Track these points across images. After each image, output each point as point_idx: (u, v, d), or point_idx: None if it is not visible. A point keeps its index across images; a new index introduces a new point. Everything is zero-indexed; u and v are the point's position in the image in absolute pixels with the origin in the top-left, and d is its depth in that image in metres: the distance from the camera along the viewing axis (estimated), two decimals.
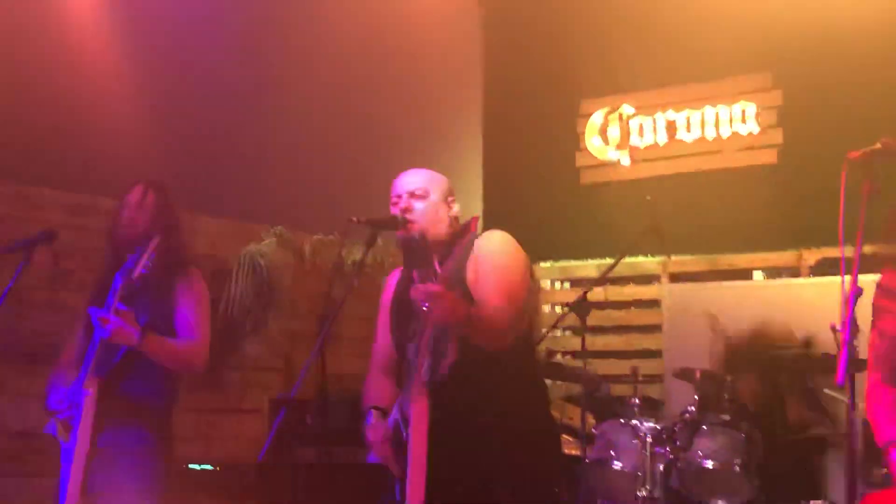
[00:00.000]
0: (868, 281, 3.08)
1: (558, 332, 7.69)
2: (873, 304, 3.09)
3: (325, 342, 3.50)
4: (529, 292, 3.54)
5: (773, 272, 7.02)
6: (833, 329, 2.86)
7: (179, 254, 4.13)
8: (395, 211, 3.56)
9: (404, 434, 3.39)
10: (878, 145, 2.93)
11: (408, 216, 3.51)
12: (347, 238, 3.73)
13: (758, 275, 7.10)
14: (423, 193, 3.55)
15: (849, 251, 2.87)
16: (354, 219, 3.52)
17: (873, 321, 3.09)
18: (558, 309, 7.84)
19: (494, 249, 3.49)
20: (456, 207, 3.59)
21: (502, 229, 3.59)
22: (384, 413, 3.58)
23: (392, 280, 3.80)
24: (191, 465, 5.25)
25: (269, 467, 5.22)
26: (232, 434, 6.17)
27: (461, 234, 3.45)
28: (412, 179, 3.60)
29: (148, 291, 3.94)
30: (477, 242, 3.51)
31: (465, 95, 8.18)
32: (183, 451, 5.40)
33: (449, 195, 3.60)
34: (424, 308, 3.17)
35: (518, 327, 3.44)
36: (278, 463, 5.10)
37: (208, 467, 5.28)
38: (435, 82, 7.72)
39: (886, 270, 3.11)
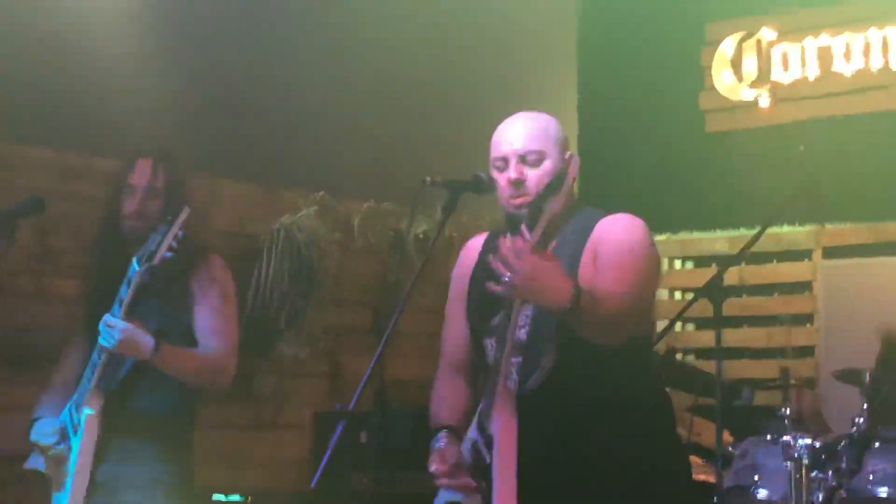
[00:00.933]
0: None
1: (679, 326, 7.68)
2: None
3: (386, 341, 3.48)
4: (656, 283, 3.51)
5: None
6: None
7: (195, 239, 4.14)
8: (500, 178, 3.49)
9: (486, 458, 3.37)
10: None
11: (519, 193, 3.43)
12: (416, 207, 3.68)
13: None
14: (539, 157, 3.48)
15: None
16: (429, 179, 3.49)
17: None
18: (678, 295, 7.81)
19: (623, 236, 3.43)
20: (575, 165, 3.39)
21: (602, 192, 3.54)
22: (458, 433, 3.54)
23: (472, 248, 3.75)
24: (216, 496, 5.30)
25: (313, 497, 5.26)
26: (267, 456, 6.23)
27: (554, 188, 3.24)
28: (523, 135, 3.48)
29: (158, 288, 3.96)
30: (599, 225, 3.46)
31: (555, 20, 8.14)
32: (206, 478, 5.46)
33: (566, 149, 3.54)
34: (506, 279, 3.11)
35: (640, 322, 3.40)
36: (326, 492, 5.15)
37: (238, 498, 5.33)
38: (514, 9, 7.68)
39: None
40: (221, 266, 4.18)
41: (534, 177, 3.43)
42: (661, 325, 6.73)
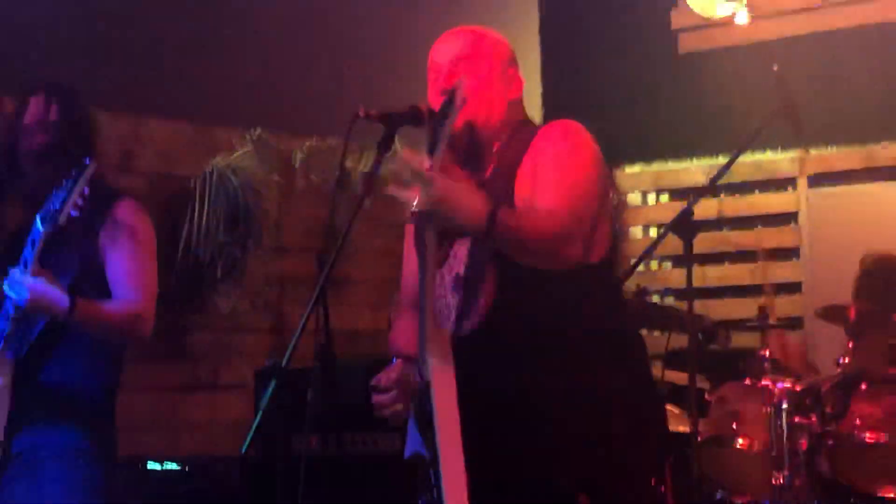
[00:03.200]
0: None
1: (654, 264, 7.71)
2: None
3: (326, 288, 3.45)
4: (603, 201, 3.46)
5: None
6: None
7: (101, 183, 4.10)
8: (432, 89, 3.48)
9: (428, 407, 3.34)
10: None
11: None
12: (354, 142, 3.65)
13: None
14: (472, 68, 3.46)
15: None
16: (362, 113, 3.45)
17: None
18: (653, 231, 7.83)
19: (557, 142, 3.41)
20: (518, 85, 3.46)
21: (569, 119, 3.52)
22: (414, 361, 3.53)
23: None
24: (150, 465, 5.29)
25: (255, 463, 5.26)
26: (205, 419, 6.22)
27: (520, 129, 3.31)
28: (455, 44, 3.49)
29: (66, 239, 3.92)
30: (536, 140, 3.44)
31: None
32: (138, 446, 5.46)
33: (510, 65, 3.52)
34: (414, 209, 3.07)
35: (587, 243, 3.37)
36: (268, 456, 5.14)
37: (174, 466, 5.33)
38: None
39: None
40: (133, 209, 4.11)
41: (467, 84, 3.41)
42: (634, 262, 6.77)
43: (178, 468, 5.35)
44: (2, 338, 3.89)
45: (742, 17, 7.49)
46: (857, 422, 5.18)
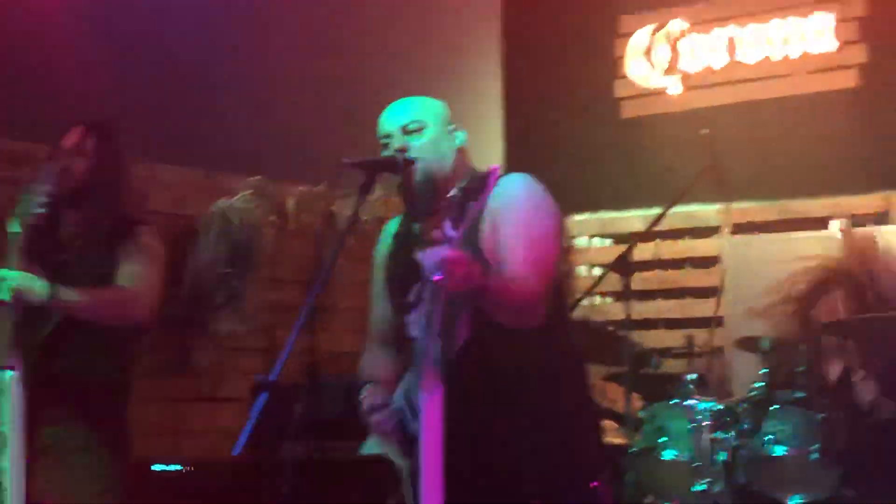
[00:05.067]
0: None
1: (597, 299, 7.72)
2: None
3: (313, 314, 3.46)
4: (561, 252, 3.50)
5: (855, 220, 6.98)
6: None
7: (125, 212, 4.10)
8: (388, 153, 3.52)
9: (411, 427, 3.37)
10: None
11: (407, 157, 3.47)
12: (339, 188, 3.67)
13: (836, 224, 7.06)
14: (419, 126, 3.50)
15: None
16: (346, 161, 3.48)
17: None
18: (597, 270, 7.84)
19: (518, 199, 3.42)
20: (460, 136, 3.51)
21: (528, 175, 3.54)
22: (384, 388, 3.55)
23: (388, 230, 3.77)
24: (155, 466, 5.26)
25: (248, 466, 5.24)
26: (205, 427, 6.16)
27: (481, 183, 3.35)
28: (401, 111, 3.53)
29: (85, 261, 3.92)
30: (495, 193, 3.46)
31: (480, 13, 8.12)
32: (146, 449, 5.42)
33: (448, 123, 3.56)
34: (436, 279, 3.11)
35: (548, 297, 3.41)
36: (260, 460, 5.13)
37: (177, 467, 5.30)
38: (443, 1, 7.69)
39: None
40: (150, 233, 4.13)
41: (417, 144, 3.46)
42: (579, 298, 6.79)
43: (181, 469, 5.33)
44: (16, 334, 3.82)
45: (676, 88, 7.55)
46: (768, 437, 5.19)
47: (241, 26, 6.56)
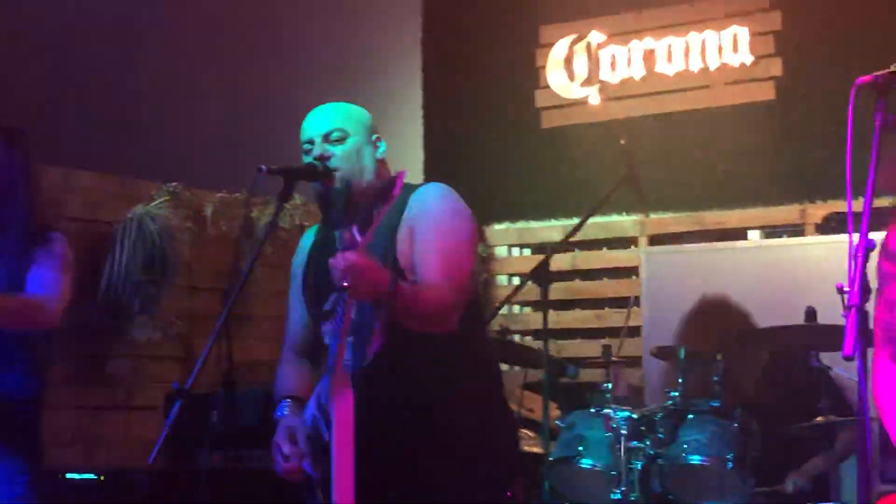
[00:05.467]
0: (882, 238, 3.09)
1: (516, 308, 7.74)
2: (878, 269, 3.10)
3: (230, 322, 3.44)
4: (477, 262, 3.52)
5: (771, 231, 7.07)
6: (840, 290, 2.85)
7: (36, 219, 4.06)
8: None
9: (325, 434, 3.36)
10: (893, 68, 2.92)
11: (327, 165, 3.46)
12: (258, 195, 3.66)
13: (754, 235, 7.15)
14: (342, 135, 3.50)
15: (860, 204, 2.86)
16: (264, 168, 3.46)
17: (879, 289, 3.10)
18: (517, 280, 7.85)
19: (434, 208, 3.44)
20: (382, 148, 3.52)
21: (447, 184, 3.55)
22: (301, 403, 3.55)
23: (306, 239, 3.76)
24: (69, 475, 5.21)
25: (164, 475, 5.21)
26: (121, 436, 6.12)
27: (387, 188, 3.34)
28: (325, 118, 3.53)
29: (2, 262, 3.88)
30: (412, 201, 3.47)
31: (400, 22, 8.13)
32: (60, 459, 5.38)
33: (372, 133, 3.56)
34: (344, 284, 3.11)
35: (462, 305, 3.42)
36: (176, 469, 5.09)
37: (91, 477, 5.25)
38: (363, 6, 7.67)
39: (893, 228, 3.12)
40: (63, 241, 4.10)
41: (339, 153, 3.45)
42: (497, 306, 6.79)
43: (94, 478, 5.28)
44: None
45: (595, 99, 7.60)
46: (685, 446, 5.21)
47: (160, 32, 6.51)
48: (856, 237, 2.77)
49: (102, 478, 5.28)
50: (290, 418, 3.50)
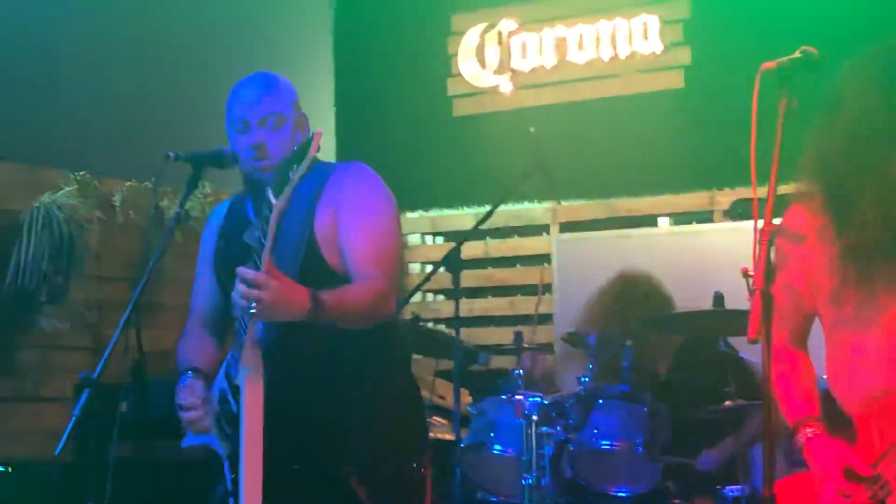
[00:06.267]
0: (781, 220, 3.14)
1: (429, 297, 7.75)
2: (775, 252, 3.15)
3: (139, 312, 3.42)
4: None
5: (681, 218, 7.15)
6: (745, 273, 2.90)
7: None
8: (240, 140, 3.46)
9: (234, 406, 3.34)
10: (798, 54, 2.97)
11: (262, 156, 3.41)
12: (167, 183, 3.64)
13: (663, 221, 7.22)
14: (278, 121, 3.46)
15: (765, 189, 2.90)
16: (172, 155, 3.44)
17: (776, 271, 3.15)
18: (429, 267, 7.86)
19: (359, 194, 3.43)
20: (318, 138, 3.25)
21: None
22: (206, 377, 3.52)
23: (218, 211, 3.73)
24: None
25: (74, 466, 5.15)
26: (29, 427, 6.05)
27: (304, 149, 3.11)
28: (260, 100, 3.47)
29: None
30: (333, 178, 3.45)
31: (312, 10, 8.10)
32: None
33: (300, 108, 3.54)
34: (252, 311, 3.08)
35: (395, 292, 3.44)
36: (84, 460, 5.04)
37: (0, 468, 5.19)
38: None
39: (791, 210, 3.18)
40: None
41: (276, 141, 3.43)
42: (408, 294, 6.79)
43: (3, 470, 5.22)
44: None
45: (506, 87, 7.62)
46: (595, 431, 5.27)
47: (67, 19, 6.42)
48: (761, 223, 2.83)
49: (10, 469, 5.22)
50: (192, 384, 3.47)
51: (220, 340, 3.68)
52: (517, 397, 5.38)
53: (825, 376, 3.16)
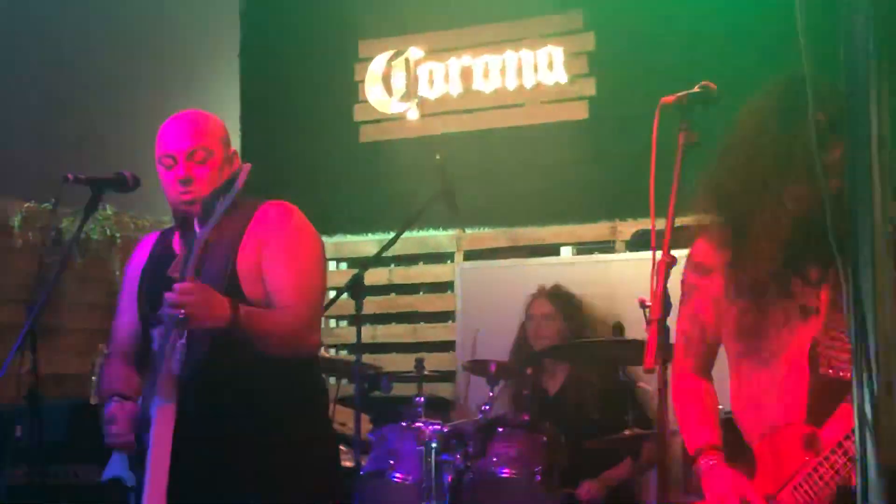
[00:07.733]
0: (685, 255, 3.20)
1: (333, 322, 7.74)
2: (682, 282, 3.21)
3: (34, 335, 3.39)
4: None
5: (583, 248, 7.22)
6: (642, 304, 2.94)
7: None
8: (168, 175, 3.45)
9: (144, 438, 3.32)
10: (697, 88, 3.03)
11: (189, 191, 3.40)
12: (67, 205, 3.60)
13: (566, 251, 7.28)
14: (205, 155, 3.45)
15: (664, 221, 2.94)
16: (70, 176, 3.41)
17: (682, 301, 3.21)
18: (332, 294, 7.85)
19: (283, 228, 3.43)
20: (245, 173, 3.26)
21: (265, 197, 3.54)
22: (127, 400, 3.49)
23: (145, 245, 3.70)
24: None
25: None
26: None
27: (231, 182, 3.19)
28: (190, 133, 3.46)
29: None
30: (259, 214, 3.45)
31: (218, 32, 8.07)
32: None
33: (229, 144, 3.54)
34: (179, 316, 3.10)
35: (318, 326, 3.45)
36: None
37: None
38: (182, 15, 7.59)
39: (698, 242, 3.23)
40: None
41: (203, 175, 3.41)
42: None
43: None
44: None
45: (413, 114, 7.65)
46: (494, 459, 5.28)
47: None
48: (659, 254, 2.87)
49: None
50: (120, 405, 3.44)
51: (142, 374, 3.66)
52: (417, 424, 5.39)
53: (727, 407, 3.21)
